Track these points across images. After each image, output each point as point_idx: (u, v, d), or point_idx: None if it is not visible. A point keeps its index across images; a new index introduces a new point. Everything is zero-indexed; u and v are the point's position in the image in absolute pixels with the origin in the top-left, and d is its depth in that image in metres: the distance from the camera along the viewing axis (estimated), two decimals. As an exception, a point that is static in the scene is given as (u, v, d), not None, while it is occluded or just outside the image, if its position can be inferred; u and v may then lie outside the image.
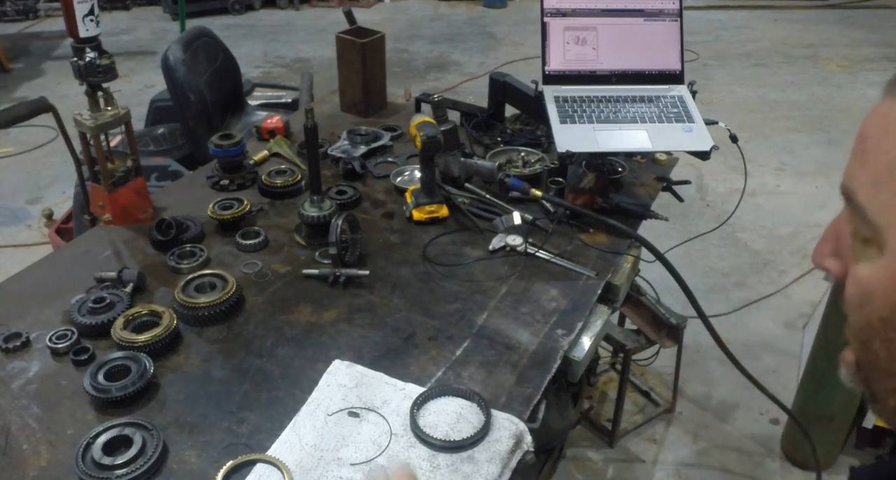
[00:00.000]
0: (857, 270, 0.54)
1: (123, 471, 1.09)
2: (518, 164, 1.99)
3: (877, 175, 0.51)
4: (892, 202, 0.49)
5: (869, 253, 0.52)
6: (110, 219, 1.73)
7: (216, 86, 3.02)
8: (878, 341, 0.52)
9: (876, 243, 0.51)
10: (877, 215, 0.51)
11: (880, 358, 0.53)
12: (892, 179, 0.49)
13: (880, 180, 0.50)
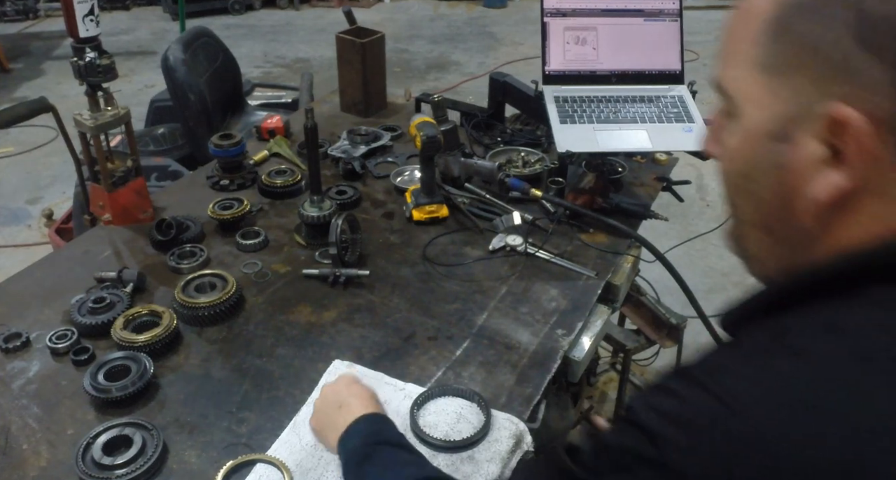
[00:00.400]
0: (727, 142, 0.64)
1: (123, 471, 1.09)
2: (518, 164, 1.99)
3: (729, 56, 0.62)
4: (742, 75, 0.60)
5: (732, 126, 0.62)
6: (110, 219, 1.73)
7: (216, 86, 3.02)
8: (740, 195, 0.64)
9: (735, 114, 0.61)
10: (732, 89, 0.61)
11: (743, 211, 0.64)
12: (737, 56, 0.60)
13: (730, 59, 0.61)
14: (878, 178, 0.54)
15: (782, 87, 0.57)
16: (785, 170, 0.58)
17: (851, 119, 0.52)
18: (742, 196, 0.63)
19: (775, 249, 0.64)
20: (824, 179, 0.55)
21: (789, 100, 0.57)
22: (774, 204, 0.60)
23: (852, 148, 0.53)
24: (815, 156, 0.55)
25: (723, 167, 0.66)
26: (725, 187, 0.66)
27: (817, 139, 0.55)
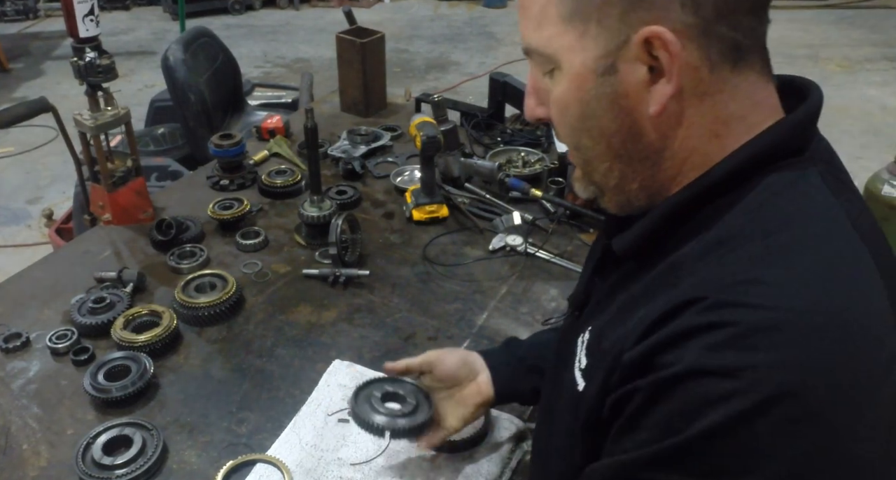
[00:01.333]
0: (553, 96, 0.68)
1: (123, 471, 1.09)
2: (518, 164, 1.99)
3: (537, 20, 0.66)
4: (552, 33, 0.65)
5: (556, 79, 0.67)
6: (110, 219, 1.73)
7: (216, 87, 3.02)
8: (584, 136, 0.68)
9: (557, 69, 0.67)
10: (547, 48, 0.66)
11: (590, 149, 0.69)
12: (543, 18, 0.65)
13: (537, 23, 0.66)
14: (697, 80, 0.61)
15: (590, 28, 0.63)
16: (620, 98, 0.64)
17: (657, 33, 0.59)
18: (585, 136, 0.68)
19: (631, 171, 0.68)
20: (655, 94, 0.62)
21: (602, 37, 0.62)
22: (621, 131, 0.65)
23: (666, 59, 0.60)
24: (641, 78, 0.62)
25: (557, 119, 0.70)
26: (566, 136, 0.71)
27: (638, 62, 0.62)
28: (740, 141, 0.64)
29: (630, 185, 0.69)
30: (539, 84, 0.71)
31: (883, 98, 5.44)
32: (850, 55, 6.41)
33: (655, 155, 0.66)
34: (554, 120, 0.71)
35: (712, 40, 0.60)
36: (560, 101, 0.68)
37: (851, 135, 4.83)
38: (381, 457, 1.14)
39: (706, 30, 0.60)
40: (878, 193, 2.02)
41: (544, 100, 0.71)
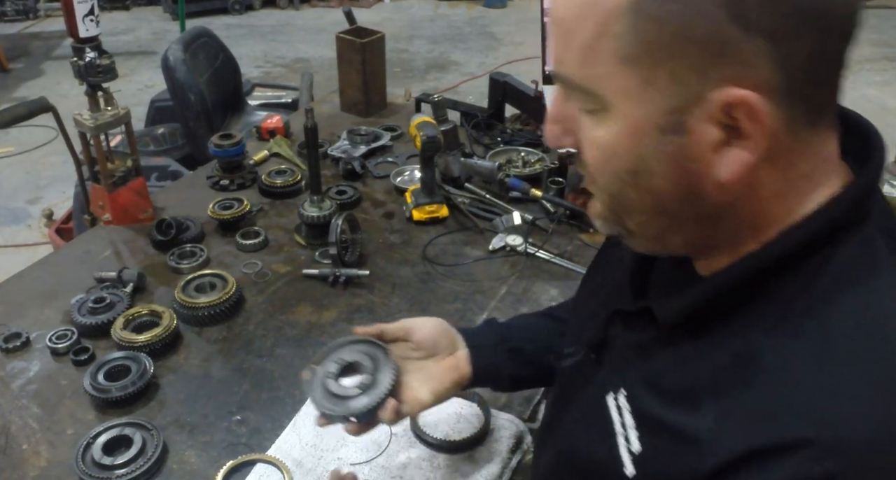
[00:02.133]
0: (595, 136, 0.59)
1: (123, 471, 1.09)
2: (518, 164, 1.99)
3: (584, 52, 0.56)
4: (605, 72, 0.55)
5: (600, 119, 0.58)
6: (110, 219, 1.73)
7: (216, 87, 3.02)
8: (629, 189, 0.60)
9: (603, 110, 0.57)
10: (595, 87, 0.57)
11: (633, 201, 0.61)
12: (598, 52, 0.55)
13: (588, 56, 0.56)
14: (775, 143, 0.54)
15: (658, 78, 0.53)
16: (684, 159, 0.56)
17: (745, 98, 0.51)
18: (631, 189, 0.60)
19: (678, 227, 0.61)
20: (729, 159, 0.54)
21: (670, 89, 0.53)
22: (678, 192, 0.58)
23: (749, 124, 0.52)
24: (713, 140, 0.54)
25: (596, 164, 0.61)
26: (604, 184, 0.62)
27: (713, 123, 0.53)
28: (804, 202, 0.58)
29: (672, 238, 0.63)
30: (567, 112, 0.62)
31: (883, 98, 5.44)
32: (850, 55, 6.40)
33: (712, 218, 0.59)
34: (589, 162, 0.62)
35: (796, 101, 0.53)
36: (606, 148, 0.59)
37: (851, 135, 4.82)
38: (381, 457, 1.14)
39: (792, 90, 0.52)
40: (878, 193, 2.02)
41: (571, 130, 0.62)
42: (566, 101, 0.62)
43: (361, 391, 0.89)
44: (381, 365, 0.92)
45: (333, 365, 0.92)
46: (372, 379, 0.90)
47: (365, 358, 0.93)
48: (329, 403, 0.89)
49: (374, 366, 0.92)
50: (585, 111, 0.59)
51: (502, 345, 1.02)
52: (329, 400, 0.89)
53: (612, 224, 0.65)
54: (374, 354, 0.94)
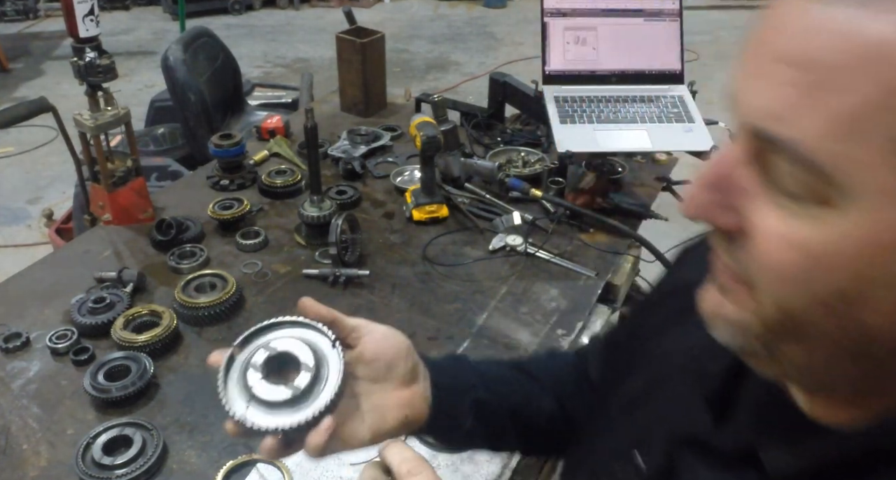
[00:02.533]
0: (794, 233, 0.42)
1: (123, 471, 1.09)
2: (518, 164, 1.99)
3: (842, 120, 0.38)
4: (864, 157, 0.38)
5: (818, 215, 0.41)
6: (110, 219, 1.73)
7: (216, 86, 3.02)
8: (824, 313, 0.42)
9: (829, 203, 0.40)
10: (843, 172, 0.39)
11: (821, 329, 0.43)
12: (863, 128, 0.38)
13: (850, 128, 0.38)
14: None
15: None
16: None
17: None
18: (828, 317, 0.42)
19: (861, 370, 0.45)
20: None
21: None
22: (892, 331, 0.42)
23: None
24: None
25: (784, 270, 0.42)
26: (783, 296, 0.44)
27: None
28: None
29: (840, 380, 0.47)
30: (742, 181, 0.44)
31: (883, 98, 5.44)
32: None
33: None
34: (768, 263, 0.43)
35: None
36: (815, 256, 0.41)
37: (851, 135, 4.82)
38: (381, 457, 1.13)
39: None
40: (879, 193, 2.02)
41: (737, 207, 0.44)
42: (747, 166, 0.44)
43: (292, 397, 0.65)
44: (324, 364, 0.67)
45: (261, 354, 0.68)
46: (309, 383, 0.65)
47: (304, 349, 0.67)
48: (245, 406, 0.65)
49: (316, 365, 0.67)
50: (786, 193, 0.42)
51: (469, 393, 0.79)
52: (245, 402, 0.66)
53: (753, 341, 0.47)
54: (318, 347, 0.68)
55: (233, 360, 0.70)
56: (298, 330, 0.71)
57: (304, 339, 0.69)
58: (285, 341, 0.69)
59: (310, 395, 0.65)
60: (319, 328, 0.70)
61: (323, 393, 0.65)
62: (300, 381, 0.65)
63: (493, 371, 0.86)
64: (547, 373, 0.88)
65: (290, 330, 0.71)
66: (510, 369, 0.88)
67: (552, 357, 1.01)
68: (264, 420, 0.64)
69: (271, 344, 0.69)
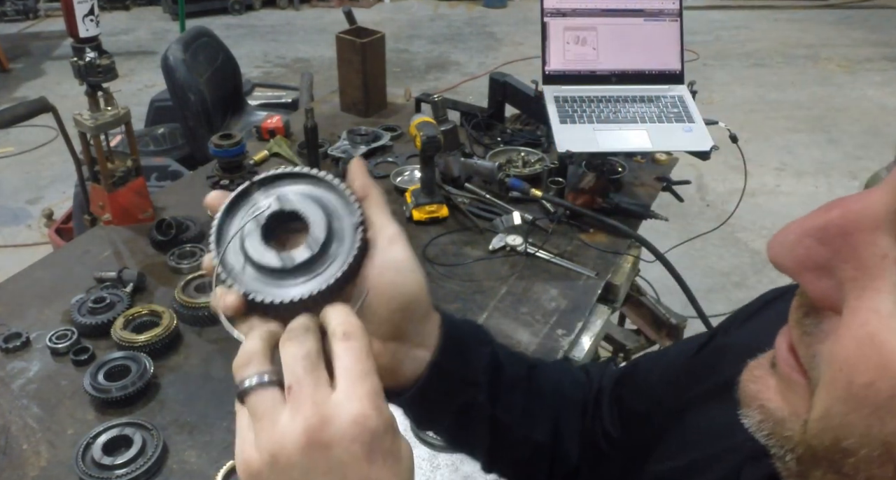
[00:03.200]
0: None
1: (123, 471, 1.09)
2: (518, 164, 1.99)
3: None
4: None
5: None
6: (110, 219, 1.73)
7: (216, 86, 3.02)
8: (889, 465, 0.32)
9: None
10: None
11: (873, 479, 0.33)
12: None
13: None
14: None
15: None
16: None
17: None
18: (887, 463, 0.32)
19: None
20: None
21: None
22: None
23: None
24: None
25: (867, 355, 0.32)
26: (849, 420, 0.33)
27: None
28: None
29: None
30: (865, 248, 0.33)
31: (883, 98, 5.45)
32: (850, 55, 6.41)
33: None
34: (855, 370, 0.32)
35: None
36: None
37: (851, 135, 4.83)
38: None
39: None
40: (879, 193, 2.02)
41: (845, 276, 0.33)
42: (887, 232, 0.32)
43: (280, 268, 0.54)
44: (338, 229, 0.55)
45: (266, 205, 0.56)
46: (318, 249, 0.54)
47: (318, 213, 0.55)
48: (239, 265, 0.55)
49: (328, 229, 0.54)
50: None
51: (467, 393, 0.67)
52: (239, 260, 0.55)
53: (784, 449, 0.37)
54: (334, 209, 0.56)
55: (247, 196, 0.58)
56: (315, 187, 0.57)
57: (326, 206, 0.56)
58: (298, 197, 0.56)
59: (317, 265, 0.54)
60: (351, 202, 0.55)
61: (318, 278, 0.53)
62: (298, 255, 0.54)
63: (507, 370, 0.71)
64: (555, 393, 0.75)
65: (306, 183, 0.58)
66: (525, 368, 0.74)
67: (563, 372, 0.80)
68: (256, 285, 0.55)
69: (289, 197, 0.56)
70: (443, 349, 0.62)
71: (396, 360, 0.60)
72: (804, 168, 4.44)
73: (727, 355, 0.61)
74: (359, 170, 0.57)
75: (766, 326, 0.44)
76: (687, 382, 0.65)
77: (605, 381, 0.78)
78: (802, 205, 4.04)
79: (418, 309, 0.58)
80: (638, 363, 0.79)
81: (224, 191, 0.58)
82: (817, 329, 0.35)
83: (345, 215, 0.55)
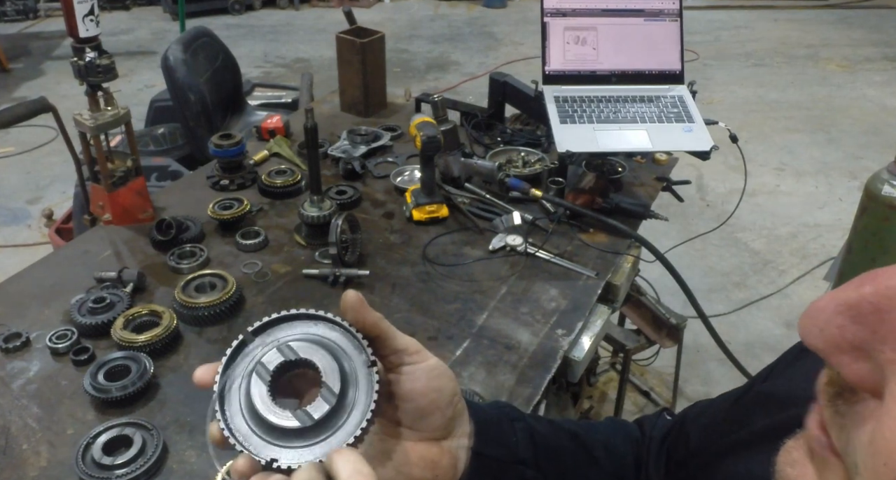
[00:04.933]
0: None
1: (123, 471, 1.09)
2: (518, 164, 1.99)
3: None
4: None
5: None
6: (110, 219, 1.73)
7: (216, 86, 3.02)
8: None
9: None
10: None
11: None
12: None
13: None
14: None
15: None
16: None
17: None
18: None
19: None
20: None
21: None
22: None
23: None
24: None
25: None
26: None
27: None
28: None
29: None
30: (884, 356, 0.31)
31: (883, 98, 5.45)
32: (850, 55, 6.41)
33: None
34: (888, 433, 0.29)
35: None
36: None
37: (851, 135, 4.83)
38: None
39: None
40: (878, 193, 2.02)
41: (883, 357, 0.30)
42: None
43: (300, 428, 0.50)
44: (350, 389, 0.51)
45: (273, 357, 0.53)
46: (328, 406, 0.50)
47: (327, 358, 0.52)
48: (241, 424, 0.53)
49: (341, 391, 0.50)
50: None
51: (514, 471, 0.66)
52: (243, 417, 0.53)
53: None
54: (348, 363, 0.52)
55: (244, 348, 0.56)
56: (324, 329, 0.54)
57: (332, 347, 0.53)
58: (308, 347, 0.52)
59: (323, 427, 0.50)
60: (359, 340, 0.53)
61: (339, 432, 0.50)
62: (315, 410, 0.49)
63: (549, 440, 0.70)
64: (608, 454, 0.74)
65: (321, 328, 0.54)
66: (568, 438, 0.72)
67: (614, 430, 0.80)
68: (260, 445, 0.52)
69: (291, 344, 0.52)
70: (477, 433, 0.62)
71: (454, 456, 0.60)
72: (804, 168, 4.44)
73: (765, 404, 0.60)
74: (358, 306, 0.53)
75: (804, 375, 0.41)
76: (726, 430, 0.64)
77: (656, 433, 0.79)
78: (802, 205, 4.04)
79: (460, 401, 0.60)
80: (686, 413, 0.78)
81: (211, 364, 0.57)
82: (851, 410, 0.32)
83: (353, 353, 0.53)
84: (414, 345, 0.57)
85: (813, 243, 3.69)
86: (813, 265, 3.50)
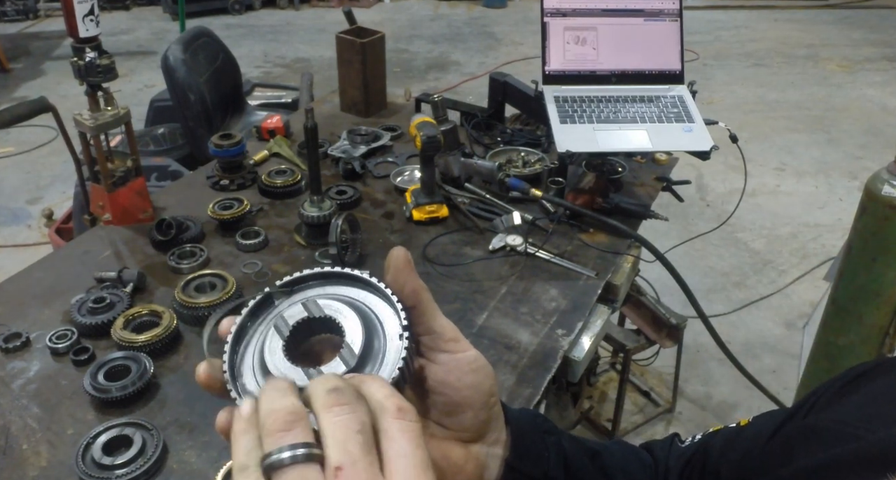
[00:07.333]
0: None
1: (123, 471, 1.09)
2: (518, 164, 1.99)
3: None
4: None
5: None
6: (110, 219, 1.73)
7: (216, 86, 3.02)
8: None
9: None
10: None
11: None
12: None
13: None
14: None
15: None
16: None
17: None
18: None
19: None
20: None
21: None
22: None
23: None
24: None
25: None
26: None
27: None
28: None
29: None
30: None
31: (883, 98, 5.45)
32: (850, 55, 6.41)
33: None
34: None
35: None
36: None
37: (851, 135, 4.83)
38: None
39: None
40: (878, 193, 2.02)
41: None
42: None
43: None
44: (376, 348, 0.46)
45: (296, 311, 0.48)
46: (355, 363, 0.45)
47: (354, 320, 0.46)
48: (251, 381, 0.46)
49: (366, 338, 0.46)
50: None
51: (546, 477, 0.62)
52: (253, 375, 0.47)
53: None
54: (372, 313, 0.48)
55: (269, 305, 0.50)
56: (365, 295, 0.49)
57: (364, 311, 0.47)
58: (337, 306, 0.47)
59: None
60: (393, 303, 0.47)
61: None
62: (330, 370, 0.44)
63: (574, 460, 0.65)
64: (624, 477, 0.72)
65: (355, 290, 0.49)
66: (588, 456, 0.69)
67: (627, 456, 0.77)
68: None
69: (319, 301, 0.47)
70: (514, 444, 0.58)
71: (480, 464, 0.54)
72: (804, 168, 4.44)
73: (809, 439, 0.56)
74: (406, 266, 0.48)
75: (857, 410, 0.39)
76: (765, 466, 0.60)
77: (672, 462, 0.74)
78: (802, 205, 4.05)
79: (497, 404, 0.55)
80: (709, 444, 0.73)
81: (233, 316, 0.51)
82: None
83: (386, 320, 0.47)
84: (452, 331, 0.51)
85: (813, 243, 3.69)
86: (813, 265, 3.50)
